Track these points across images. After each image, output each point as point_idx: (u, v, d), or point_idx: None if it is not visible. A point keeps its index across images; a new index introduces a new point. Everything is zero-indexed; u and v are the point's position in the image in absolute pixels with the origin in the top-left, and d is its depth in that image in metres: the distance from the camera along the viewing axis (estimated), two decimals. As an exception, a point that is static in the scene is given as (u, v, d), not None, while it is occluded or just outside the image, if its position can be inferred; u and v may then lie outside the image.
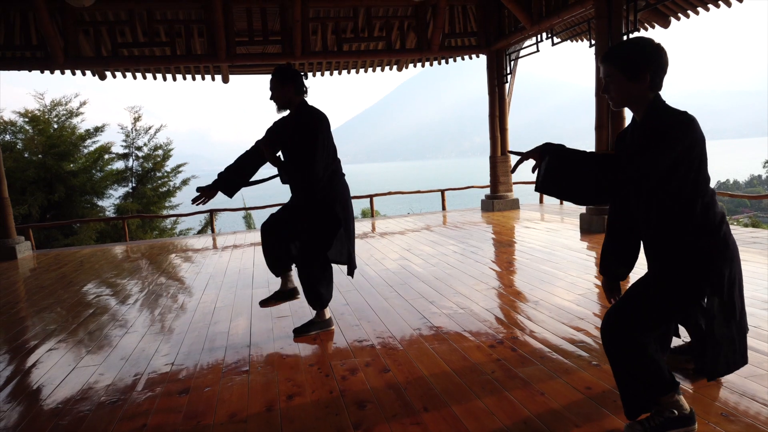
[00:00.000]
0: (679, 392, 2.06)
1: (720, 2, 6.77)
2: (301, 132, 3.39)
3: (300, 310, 4.25)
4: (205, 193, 3.50)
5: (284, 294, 3.77)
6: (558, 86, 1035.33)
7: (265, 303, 3.77)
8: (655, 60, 1.95)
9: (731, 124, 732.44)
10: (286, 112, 3.53)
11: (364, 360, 3.12)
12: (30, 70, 8.14)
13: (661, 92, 2.04)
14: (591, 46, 7.18)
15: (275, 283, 5.26)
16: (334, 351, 3.33)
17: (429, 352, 3.17)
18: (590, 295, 4.10)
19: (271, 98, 3.48)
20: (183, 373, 3.14)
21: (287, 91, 3.38)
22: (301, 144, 3.37)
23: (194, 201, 3.53)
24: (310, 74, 10.17)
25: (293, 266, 3.76)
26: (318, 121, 3.36)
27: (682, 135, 1.89)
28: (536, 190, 2.11)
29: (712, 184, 2.05)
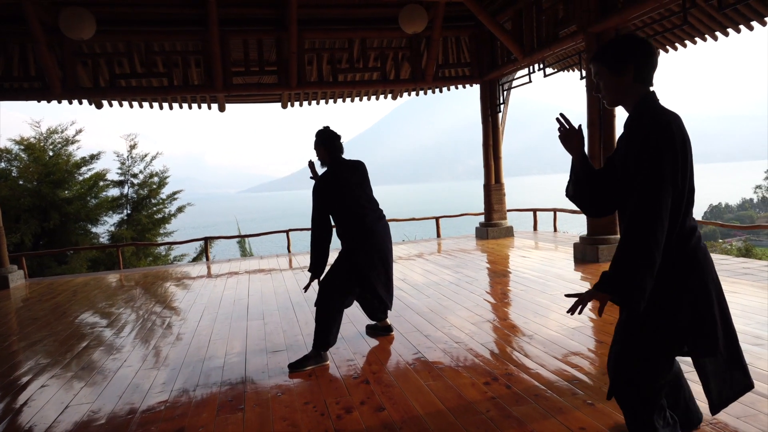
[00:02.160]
0: None
1: (707, 36, 6.95)
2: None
3: (295, 344, 4.25)
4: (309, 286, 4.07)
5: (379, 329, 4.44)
6: (551, 111, 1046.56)
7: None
8: (637, 52, 1.93)
9: (723, 148, 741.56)
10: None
11: (359, 398, 3.11)
12: (27, 100, 8.22)
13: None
14: (582, 78, 7.32)
15: (270, 315, 5.27)
16: (329, 388, 3.32)
17: (424, 389, 3.17)
18: (585, 329, 4.11)
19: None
20: (178, 411, 3.12)
21: (320, 152, 4.03)
22: None
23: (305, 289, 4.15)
24: (305, 103, 10.31)
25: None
26: (317, 184, 3.98)
27: (660, 142, 1.81)
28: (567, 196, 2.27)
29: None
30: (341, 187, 3.93)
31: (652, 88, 1.98)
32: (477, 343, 3.96)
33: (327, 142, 3.99)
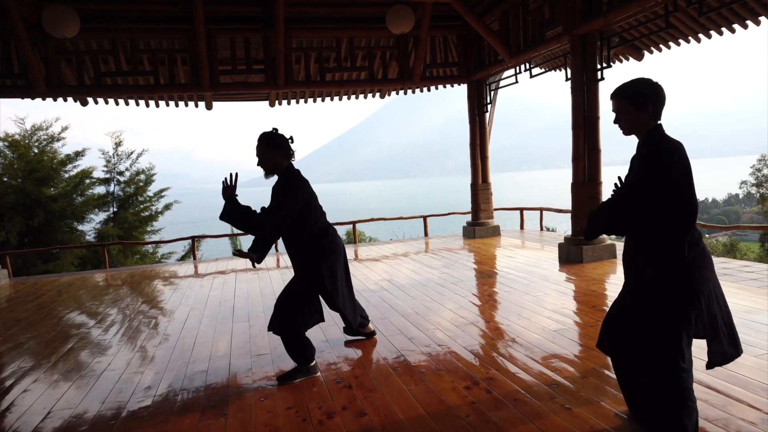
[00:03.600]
0: None
1: (690, 38, 7.02)
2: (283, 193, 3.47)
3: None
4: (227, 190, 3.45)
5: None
6: (539, 107, 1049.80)
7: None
8: (656, 93, 2.37)
9: (709, 144, 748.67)
10: (275, 178, 3.57)
11: (341, 403, 3.14)
12: (11, 98, 8.14)
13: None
14: (567, 79, 7.36)
15: (255, 317, 5.28)
16: (311, 393, 3.34)
17: (405, 394, 3.21)
18: (567, 332, 4.17)
19: (258, 164, 3.49)
20: (161, 417, 3.13)
21: (275, 156, 3.45)
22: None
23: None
24: (293, 101, 10.29)
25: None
26: (297, 180, 3.48)
27: (657, 159, 2.29)
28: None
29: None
30: (311, 192, 3.58)
31: (660, 122, 2.38)
32: (460, 346, 4.00)
33: (284, 144, 3.46)
